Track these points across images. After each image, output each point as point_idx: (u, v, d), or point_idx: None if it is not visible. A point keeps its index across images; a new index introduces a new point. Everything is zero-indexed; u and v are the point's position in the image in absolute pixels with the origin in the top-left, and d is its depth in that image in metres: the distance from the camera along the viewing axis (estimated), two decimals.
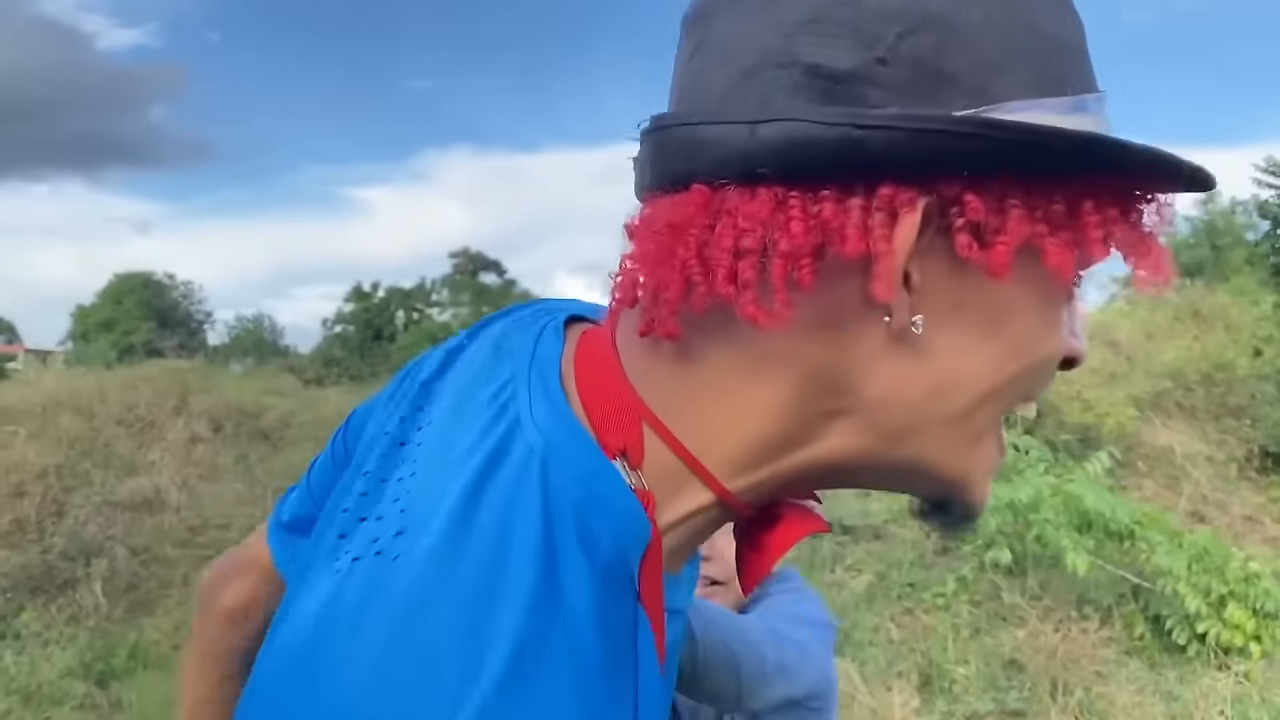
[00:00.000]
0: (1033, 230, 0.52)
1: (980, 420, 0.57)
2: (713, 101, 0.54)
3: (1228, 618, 5.40)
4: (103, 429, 6.46)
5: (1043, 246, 0.52)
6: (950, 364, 0.55)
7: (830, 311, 0.53)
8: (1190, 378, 8.76)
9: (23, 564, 5.27)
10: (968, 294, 0.54)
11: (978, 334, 0.55)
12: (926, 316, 0.53)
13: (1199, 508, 7.84)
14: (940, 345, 0.54)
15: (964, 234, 0.51)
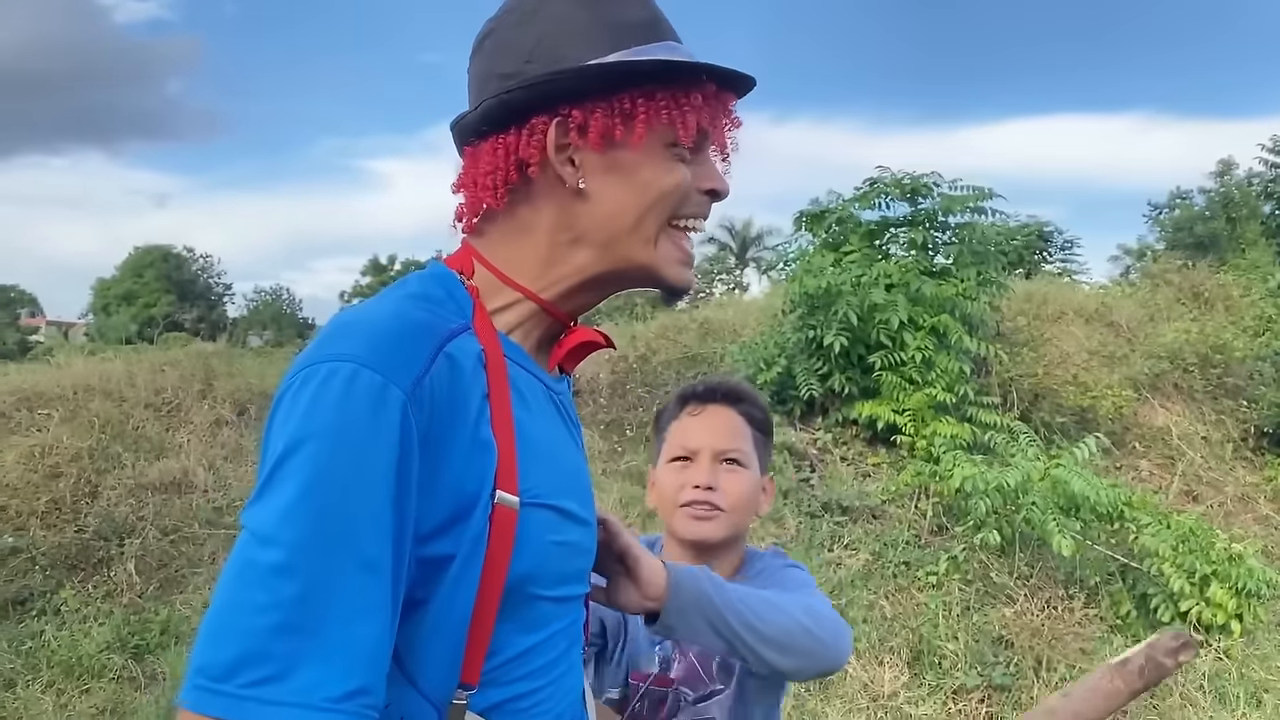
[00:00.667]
0: (611, 121, 1.00)
1: (646, 229, 1.04)
2: (471, 105, 1.06)
3: (1210, 596, 5.62)
4: (132, 412, 6.72)
5: (641, 129, 1.00)
6: (612, 200, 1.03)
7: (544, 190, 1.03)
8: (1188, 359, 8.90)
9: (59, 543, 5.55)
10: (612, 161, 1.02)
11: (621, 182, 1.03)
12: (588, 178, 1.02)
13: (1193, 487, 8.02)
14: (601, 191, 1.02)
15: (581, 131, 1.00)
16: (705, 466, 1.63)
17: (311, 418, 0.86)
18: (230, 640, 0.82)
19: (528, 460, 0.97)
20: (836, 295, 7.10)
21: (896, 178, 7.64)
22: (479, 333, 0.99)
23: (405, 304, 0.98)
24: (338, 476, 0.85)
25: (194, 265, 64.75)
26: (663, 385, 7.95)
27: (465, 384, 0.94)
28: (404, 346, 0.90)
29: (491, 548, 0.93)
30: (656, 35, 1.03)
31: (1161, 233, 36.58)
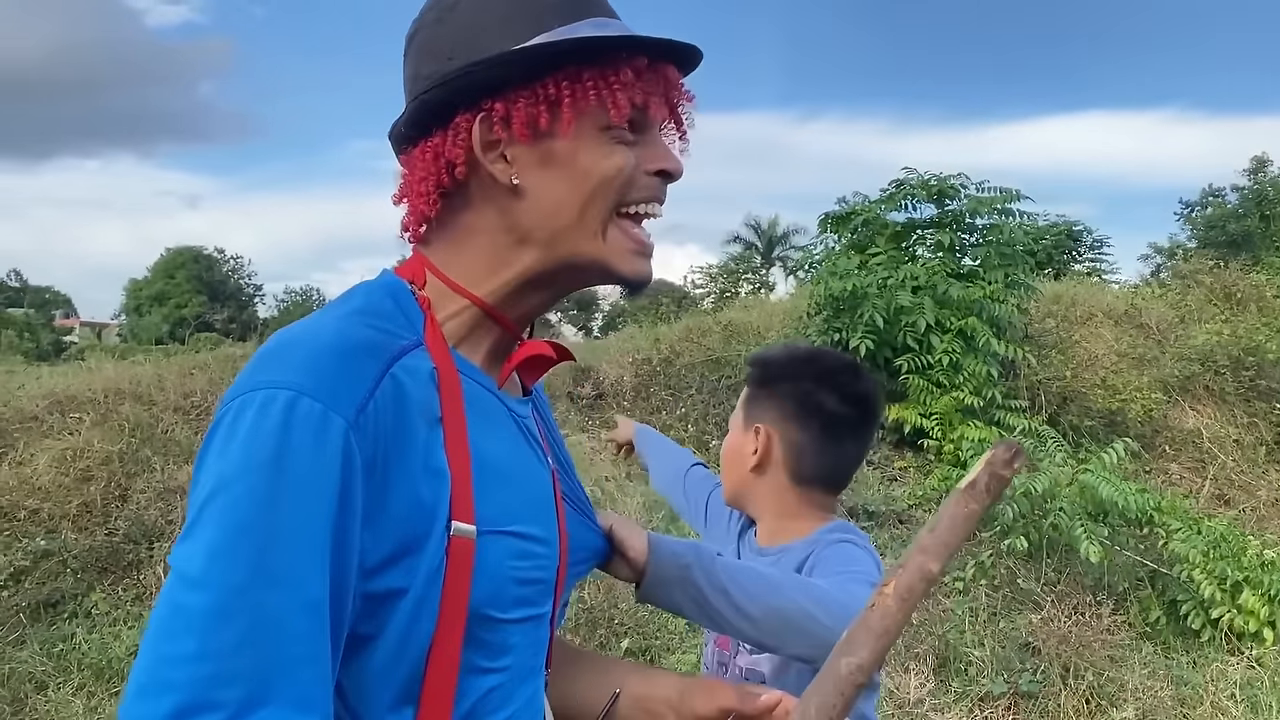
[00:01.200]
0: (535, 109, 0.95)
1: (591, 220, 0.98)
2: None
3: (1242, 603, 5.54)
4: (161, 416, 6.79)
5: (567, 114, 0.94)
6: (550, 194, 0.97)
7: (479, 191, 0.99)
8: (1220, 361, 8.79)
9: (90, 546, 5.61)
10: (544, 152, 0.97)
11: (557, 173, 0.97)
12: (521, 173, 0.97)
13: (1225, 491, 7.92)
14: (537, 186, 0.97)
15: (506, 124, 0.95)
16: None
17: (248, 451, 0.81)
18: (166, 692, 0.77)
19: (485, 485, 0.93)
20: (862, 298, 7.07)
21: (923, 179, 7.60)
22: (430, 347, 0.95)
23: (348, 321, 0.93)
24: (276, 513, 0.80)
25: (225, 266, 65.40)
26: (686, 388, 7.94)
27: (414, 407, 0.90)
28: (346, 370, 0.86)
29: (449, 581, 0.89)
30: (582, 12, 0.97)
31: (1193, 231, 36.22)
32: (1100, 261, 19.61)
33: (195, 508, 0.83)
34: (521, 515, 0.98)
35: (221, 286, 63.50)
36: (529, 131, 0.96)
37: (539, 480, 1.05)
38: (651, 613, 5.13)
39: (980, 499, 0.88)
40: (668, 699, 1.15)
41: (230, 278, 65.60)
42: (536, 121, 0.95)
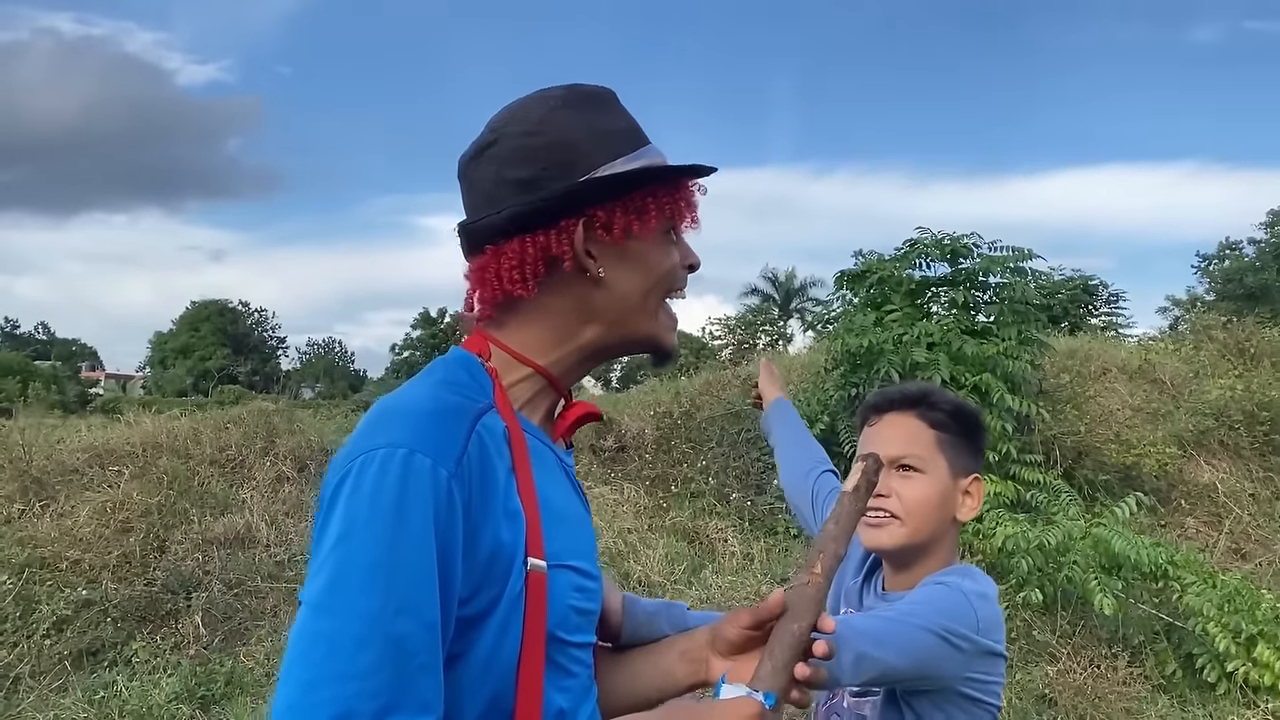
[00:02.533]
0: (628, 218, 1.18)
1: (650, 305, 1.23)
2: (479, 210, 1.21)
3: (1256, 657, 5.61)
4: (198, 469, 7.01)
5: (652, 223, 1.19)
6: (625, 284, 1.21)
7: (562, 279, 1.18)
8: (1234, 415, 8.89)
9: (130, 596, 5.80)
10: (625, 251, 1.19)
11: (631, 268, 1.20)
12: (605, 267, 1.19)
13: (1241, 545, 7.99)
14: (617, 277, 1.20)
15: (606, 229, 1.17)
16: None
17: (374, 499, 0.99)
18: (318, 709, 0.93)
19: (550, 526, 1.12)
20: (878, 354, 7.23)
21: (936, 238, 7.78)
22: (500, 410, 1.14)
23: (439, 389, 1.13)
24: (400, 551, 0.97)
25: (249, 319, 66.12)
26: (707, 441, 8.11)
27: (494, 458, 1.08)
28: (445, 429, 1.05)
29: (529, 609, 1.08)
30: (640, 141, 1.23)
31: (1211, 284, 36.27)
32: (1116, 315, 19.72)
33: (325, 548, 1.00)
34: (577, 552, 1.17)
35: (245, 339, 64.17)
36: (624, 235, 1.19)
37: (586, 522, 1.27)
38: None
39: (861, 499, 1.23)
40: (703, 643, 1.30)
41: (254, 330, 66.29)
42: (630, 227, 1.19)
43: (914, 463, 1.64)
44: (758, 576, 6.35)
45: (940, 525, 1.65)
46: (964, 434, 1.68)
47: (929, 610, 1.49)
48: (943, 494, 1.64)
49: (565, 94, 1.22)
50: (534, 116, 1.20)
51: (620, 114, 1.25)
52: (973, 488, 1.67)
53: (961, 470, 1.66)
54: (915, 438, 1.66)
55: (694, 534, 7.09)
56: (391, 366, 59.67)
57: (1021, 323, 7.48)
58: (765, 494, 7.73)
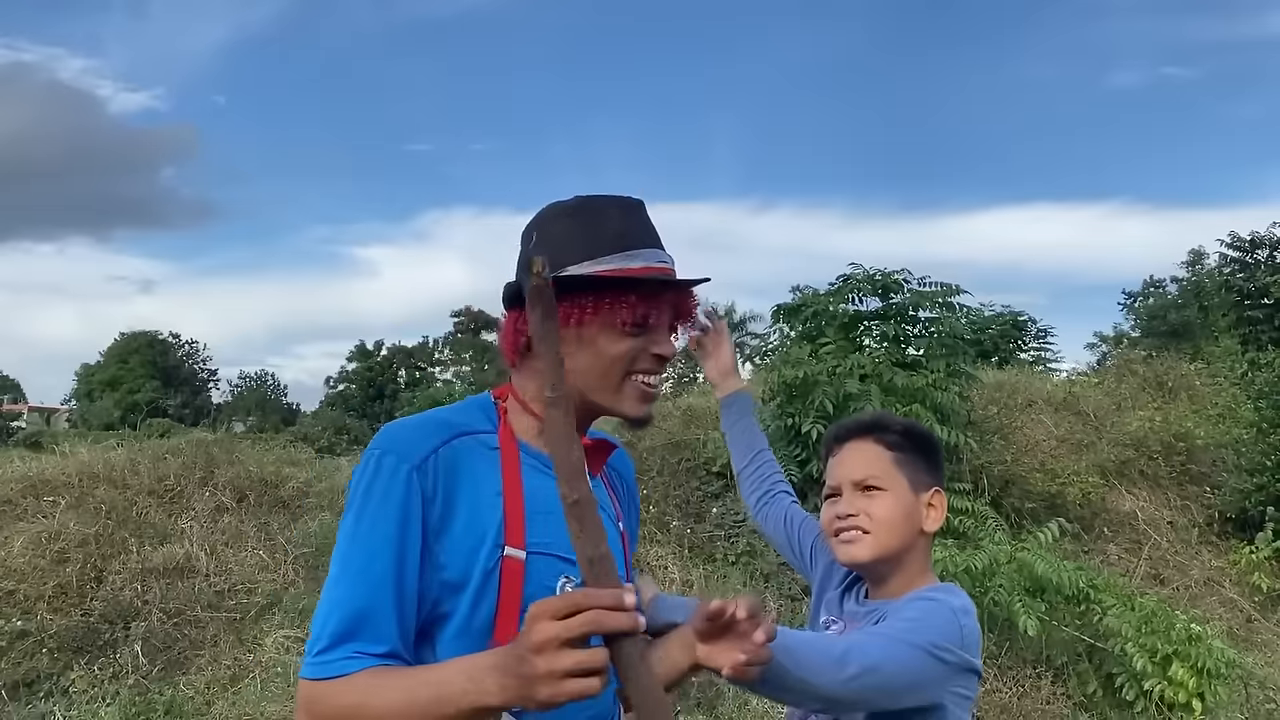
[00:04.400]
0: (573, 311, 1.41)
1: (609, 383, 1.45)
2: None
3: (1172, 675, 5.86)
4: (136, 499, 6.96)
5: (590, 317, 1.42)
6: (581, 362, 1.44)
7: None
8: (1153, 446, 9.26)
9: (67, 626, 5.75)
10: (579, 335, 1.43)
11: (584, 351, 1.44)
12: (565, 345, 1.28)
13: (1160, 570, 8.31)
14: (574, 356, 1.41)
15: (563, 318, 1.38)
16: (846, 497, 1.78)
17: (355, 488, 1.38)
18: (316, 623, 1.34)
19: (536, 519, 1.41)
20: (813, 385, 7.45)
21: (869, 274, 8.05)
22: (500, 436, 1.46)
23: (438, 411, 1.49)
24: (361, 524, 1.35)
25: (179, 351, 64.91)
26: (648, 471, 8.24)
27: (478, 462, 1.41)
28: (419, 437, 1.40)
29: (505, 584, 1.37)
30: (624, 245, 1.45)
31: (1136, 320, 37.34)
32: (1045, 350, 20.24)
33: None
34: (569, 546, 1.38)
35: (176, 372, 62.97)
36: (569, 323, 1.42)
37: None
38: None
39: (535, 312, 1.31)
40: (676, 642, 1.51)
41: (185, 363, 65.10)
42: (571, 318, 1.42)
43: (875, 482, 1.76)
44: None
45: (908, 536, 1.75)
46: (918, 451, 1.81)
47: (922, 627, 1.59)
48: (906, 508, 1.75)
49: (577, 202, 1.51)
50: (544, 216, 1.51)
51: (616, 222, 1.47)
52: (935, 500, 1.79)
53: (922, 485, 1.78)
54: (874, 460, 1.78)
55: (635, 561, 7.20)
56: (326, 400, 58.94)
57: (950, 356, 7.75)
58: (704, 522, 7.88)
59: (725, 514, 7.86)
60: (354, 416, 43.83)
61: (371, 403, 52.66)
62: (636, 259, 1.45)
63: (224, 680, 5.45)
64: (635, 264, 1.45)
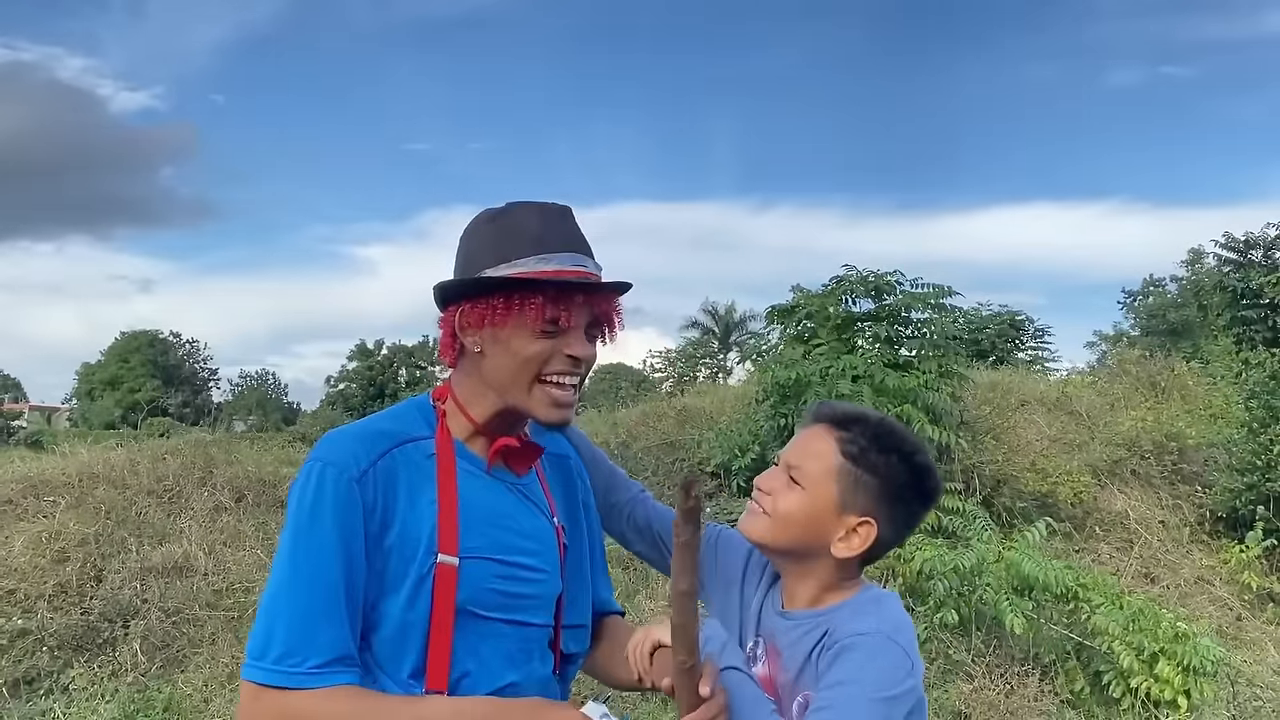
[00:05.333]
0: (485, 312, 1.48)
1: (520, 382, 1.50)
2: None
3: (1158, 673, 5.93)
4: (135, 499, 7.03)
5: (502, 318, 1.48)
6: (497, 361, 1.51)
7: (469, 351, 1.54)
8: (1145, 446, 9.32)
9: (67, 625, 5.82)
10: (493, 335, 1.50)
11: (500, 350, 1.50)
12: (483, 346, 1.51)
13: (1151, 569, 8.37)
14: (491, 355, 1.51)
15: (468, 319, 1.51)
16: (773, 470, 1.63)
17: (299, 500, 1.43)
18: (254, 641, 1.39)
19: (470, 525, 1.48)
20: (806, 385, 7.52)
21: (862, 275, 8.12)
22: (437, 440, 1.52)
23: (377, 420, 1.55)
24: (306, 536, 1.40)
25: (180, 350, 64.97)
26: (642, 471, 8.32)
27: (414, 471, 1.47)
28: (359, 448, 1.45)
29: (439, 589, 1.43)
30: (539, 249, 1.50)
31: (1136, 320, 37.38)
32: (1042, 350, 20.29)
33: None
34: (505, 548, 1.52)
35: (176, 371, 63.02)
36: (482, 324, 1.50)
37: (530, 523, 1.59)
38: None
39: (685, 530, 1.28)
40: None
41: (185, 362, 65.14)
42: (483, 320, 1.49)
43: (798, 476, 1.58)
44: None
45: (807, 545, 1.57)
46: (876, 474, 1.56)
47: (869, 683, 1.43)
48: (814, 517, 1.56)
49: (502, 209, 1.57)
50: (471, 224, 1.57)
51: (534, 227, 1.51)
52: (861, 529, 1.56)
53: (853, 507, 1.56)
54: (817, 454, 1.58)
55: (628, 561, 7.27)
56: (327, 399, 58.98)
57: (942, 356, 7.82)
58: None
59: (719, 514, 7.94)
60: (353, 416, 43.88)
61: (372, 402, 52.66)
62: (550, 262, 1.49)
63: (222, 678, 5.52)
64: (549, 267, 1.48)
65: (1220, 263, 23.44)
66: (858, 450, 1.57)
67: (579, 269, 1.51)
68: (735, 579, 1.72)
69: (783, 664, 1.56)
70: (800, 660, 1.53)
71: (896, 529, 1.60)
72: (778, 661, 1.57)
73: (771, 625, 1.62)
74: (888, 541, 1.59)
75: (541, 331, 1.48)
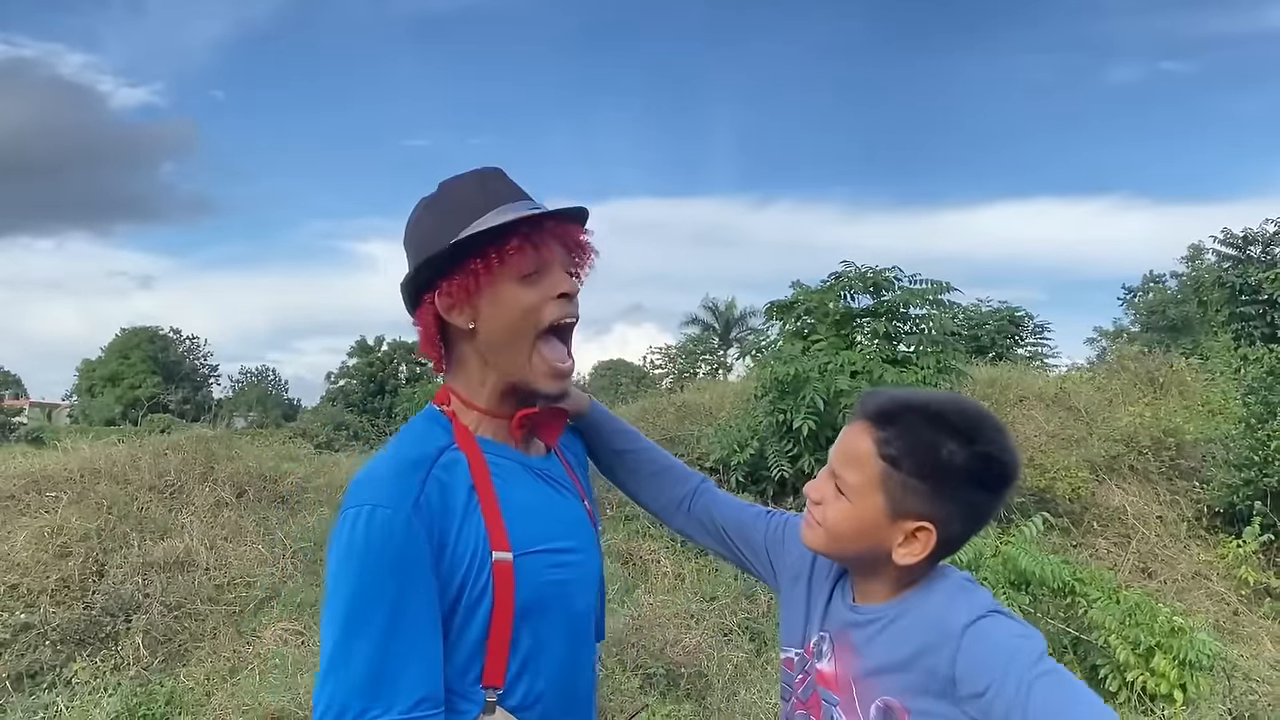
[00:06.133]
0: (466, 279, 1.47)
1: (519, 347, 1.49)
2: None
3: (1154, 667, 5.97)
4: (137, 494, 7.07)
5: (485, 276, 1.46)
6: (492, 326, 1.49)
7: (459, 336, 1.52)
8: (1143, 442, 9.34)
9: (69, 619, 5.85)
10: (487, 302, 1.48)
11: (494, 314, 1.48)
12: (475, 318, 1.49)
13: (1148, 564, 8.40)
14: (486, 325, 1.49)
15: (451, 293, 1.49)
16: (823, 475, 1.53)
17: (349, 547, 1.35)
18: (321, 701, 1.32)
19: (515, 522, 1.45)
20: (804, 381, 7.55)
21: (860, 271, 8.16)
22: (460, 444, 1.49)
23: (400, 449, 1.48)
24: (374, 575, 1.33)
25: (180, 347, 65.00)
26: None
27: (454, 488, 1.42)
28: (401, 483, 1.39)
29: (499, 588, 1.41)
30: (492, 204, 1.48)
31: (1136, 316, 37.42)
32: (1041, 346, 20.34)
33: (328, 586, 1.38)
34: (551, 536, 1.50)
35: (177, 367, 63.06)
36: (468, 294, 1.47)
37: (565, 507, 1.59)
38: (608, 674, 5.46)
39: None
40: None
41: (185, 358, 65.18)
42: (468, 287, 1.47)
43: (843, 486, 1.47)
44: (688, 595, 6.58)
45: (866, 553, 1.47)
46: (924, 477, 1.42)
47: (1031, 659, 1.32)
48: (865, 529, 1.45)
49: (435, 193, 1.56)
50: (411, 219, 1.56)
51: (476, 190, 1.51)
52: (920, 535, 1.43)
53: (905, 513, 1.43)
54: (858, 461, 1.46)
55: (628, 555, 7.31)
56: (327, 395, 58.98)
57: (940, 352, 7.86)
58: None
59: None
60: (354, 412, 43.89)
61: (372, 398, 52.74)
62: (508, 212, 1.47)
63: (223, 672, 5.55)
64: (509, 216, 1.46)
65: (1219, 259, 23.46)
66: (899, 452, 1.43)
67: (538, 210, 1.50)
68: (803, 572, 1.64)
69: (858, 661, 1.47)
70: (884, 658, 1.45)
71: (965, 525, 1.46)
72: (849, 658, 1.49)
73: (842, 620, 1.54)
74: (957, 538, 1.46)
75: (526, 277, 1.47)
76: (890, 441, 1.43)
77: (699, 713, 5.16)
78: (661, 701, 5.19)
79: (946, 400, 1.49)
